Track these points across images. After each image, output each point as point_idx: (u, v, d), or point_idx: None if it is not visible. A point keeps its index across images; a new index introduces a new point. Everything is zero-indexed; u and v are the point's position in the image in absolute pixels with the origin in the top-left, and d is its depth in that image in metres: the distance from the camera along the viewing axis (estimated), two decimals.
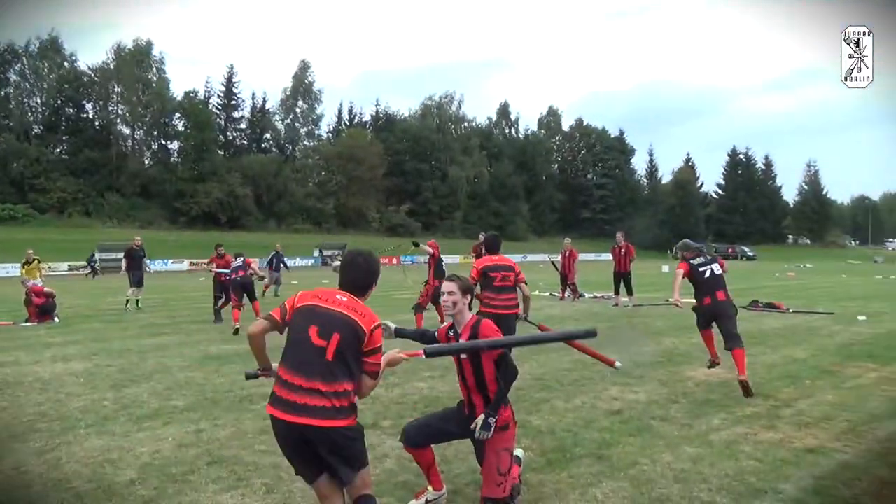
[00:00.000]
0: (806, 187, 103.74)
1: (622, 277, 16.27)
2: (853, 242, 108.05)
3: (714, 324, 7.23)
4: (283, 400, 3.03)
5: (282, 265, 21.00)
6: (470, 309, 4.01)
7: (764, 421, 5.70)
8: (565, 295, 18.08)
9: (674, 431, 5.41)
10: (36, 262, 16.54)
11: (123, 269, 17.22)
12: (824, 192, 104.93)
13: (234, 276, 12.94)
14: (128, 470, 4.57)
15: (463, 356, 3.80)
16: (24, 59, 66.26)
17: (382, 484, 4.26)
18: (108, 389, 7.05)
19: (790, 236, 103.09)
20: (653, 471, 4.49)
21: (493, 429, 3.59)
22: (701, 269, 7.11)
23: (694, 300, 7.30)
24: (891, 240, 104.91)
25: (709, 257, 7.34)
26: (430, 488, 4.09)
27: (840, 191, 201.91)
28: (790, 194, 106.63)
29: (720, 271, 7.21)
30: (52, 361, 8.83)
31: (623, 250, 16.39)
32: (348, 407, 3.08)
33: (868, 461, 4.67)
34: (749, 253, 77.95)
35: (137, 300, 16.58)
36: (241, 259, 13.29)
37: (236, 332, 11.18)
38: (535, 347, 9.67)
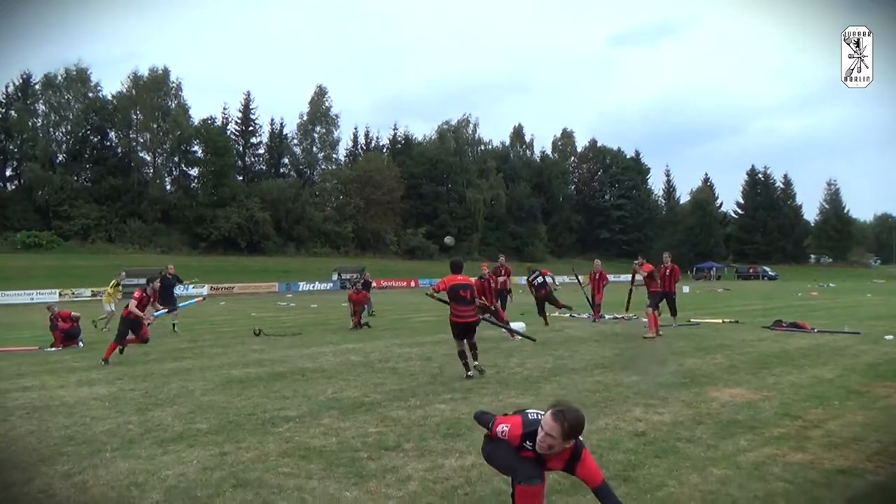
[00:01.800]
0: (826, 206, 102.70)
1: (666, 297, 16.28)
2: (877, 261, 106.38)
3: None
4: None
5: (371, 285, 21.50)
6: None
7: (792, 442, 5.60)
8: (598, 317, 18.04)
9: (700, 453, 5.34)
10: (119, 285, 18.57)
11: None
12: (845, 211, 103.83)
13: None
14: (153, 493, 4.59)
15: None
16: (51, 90, 67.82)
17: None
18: (133, 413, 7.10)
19: (812, 255, 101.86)
20: (680, 493, 4.43)
21: None
22: None
23: None
24: None
25: None
26: None
27: (862, 209, 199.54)
28: (811, 213, 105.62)
29: None
30: (77, 385, 8.92)
31: (669, 270, 16.42)
32: None
33: None
34: (770, 273, 77.13)
35: (174, 324, 16.94)
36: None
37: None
38: (558, 369, 9.62)
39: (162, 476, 4.93)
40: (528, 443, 3.44)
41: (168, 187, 74.73)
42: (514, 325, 14.79)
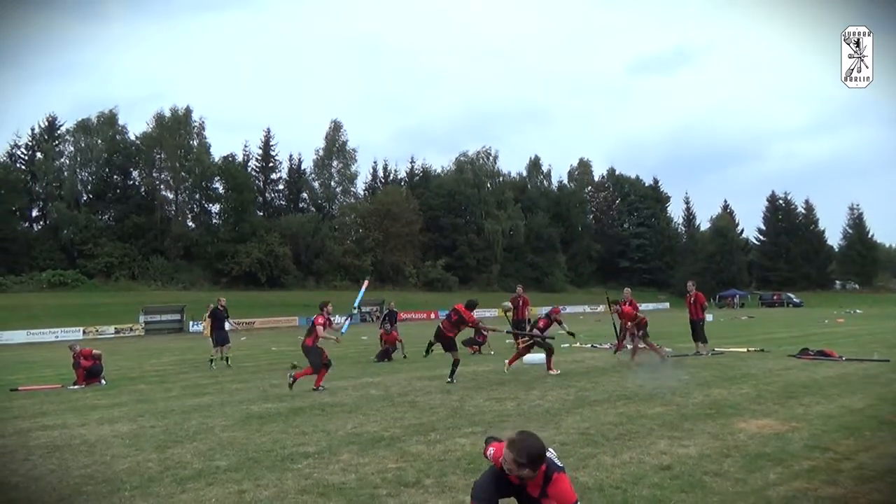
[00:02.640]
0: (850, 230, 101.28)
1: (693, 325, 16.26)
2: None
3: None
4: None
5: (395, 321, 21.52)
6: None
7: (824, 475, 5.44)
8: (623, 344, 17.81)
9: (728, 487, 5.19)
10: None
11: (207, 330, 17.65)
12: (870, 235, 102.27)
13: None
14: None
15: None
16: (81, 132, 69.49)
17: None
18: (153, 450, 7.08)
19: (837, 281, 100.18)
20: None
21: None
22: None
23: None
24: None
25: None
26: None
27: (888, 233, 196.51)
28: (834, 238, 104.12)
29: None
30: (98, 423, 8.93)
31: (693, 298, 16.41)
32: None
33: None
34: (795, 300, 75.97)
35: (227, 357, 16.99)
36: None
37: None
38: (580, 401, 9.48)
39: None
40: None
41: (190, 224, 75.80)
42: (534, 357, 14.69)
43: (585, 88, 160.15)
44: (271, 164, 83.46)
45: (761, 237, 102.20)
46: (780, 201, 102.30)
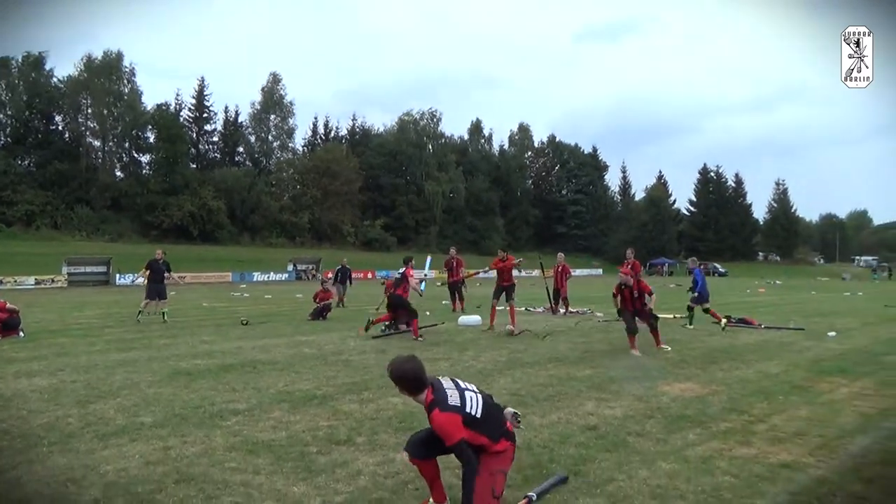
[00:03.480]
0: (775, 205, 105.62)
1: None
2: (821, 259, 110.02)
3: None
4: None
5: (348, 280, 22.47)
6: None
7: (739, 436, 5.71)
8: (558, 309, 18.17)
9: (650, 447, 5.39)
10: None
11: (144, 280, 16.96)
12: (793, 210, 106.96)
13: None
14: (92, 489, 4.41)
15: None
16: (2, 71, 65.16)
17: (356, 502, 4.17)
18: (73, 406, 6.84)
19: (760, 253, 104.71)
20: (629, 487, 4.46)
21: None
22: None
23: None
24: (858, 257, 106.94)
25: None
26: (431, 500, 4.03)
27: (807, 209, 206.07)
28: (760, 212, 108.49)
29: None
30: (15, 377, 8.55)
31: (630, 265, 16.75)
32: None
33: (842, 477, 4.69)
34: (720, 269, 79.00)
35: (163, 313, 16.35)
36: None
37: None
38: (513, 363, 9.63)
39: (101, 471, 4.75)
40: None
41: (118, 174, 72.65)
42: (468, 318, 14.86)
43: (532, 55, 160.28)
44: (205, 115, 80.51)
45: (692, 208, 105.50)
46: (712, 174, 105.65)
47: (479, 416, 3.85)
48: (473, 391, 4.02)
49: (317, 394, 7.41)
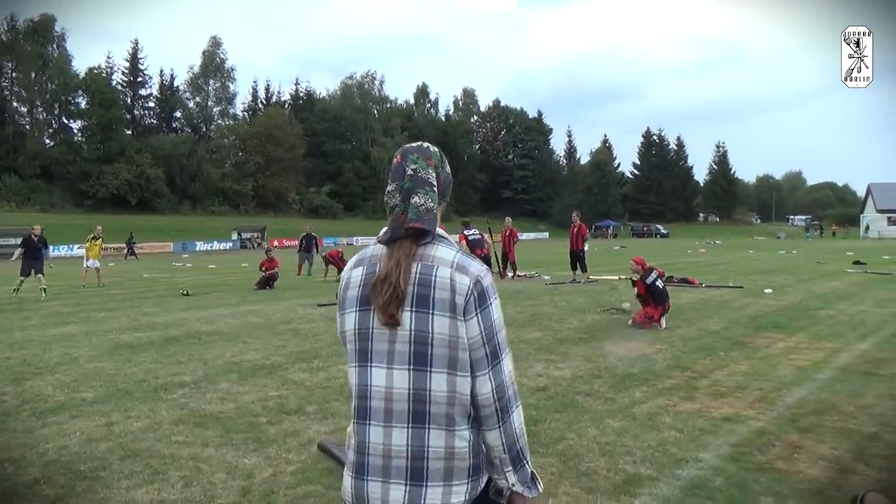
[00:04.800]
0: (715, 167, 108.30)
1: (576, 255, 16.86)
2: (758, 220, 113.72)
3: None
4: None
5: (314, 248, 22.09)
6: None
7: (682, 392, 5.87)
8: (506, 273, 18.24)
9: (598, 406, 5.50)
10: (100, 240, 19.03)
11: (15, 256, 16.23)
12: (732, 172, 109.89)
13: None
14: (31, 468, 4.25)
15: None
16: None
17: (308, 471, 4.12)
18: (9, 383, 6.57)
19: (701, 214, 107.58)
20: (579, 445, 4.55)
21: None
22: None
23: None
24: (792, 216, 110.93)
25: None
26: None
27: (745, 171, 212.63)
28: (701, 174, 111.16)
29: None
30: None
31: (577, 228, 16.97)
32: None
33: (780, 427, 4.88)
34: (663, 231, 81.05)
35: (43, 289, 15.61)
36: None
37: None
38: None
39: (40, 450, 4.58)
40: None
41: (48, 141, 69.33)
42: None
43: (477, 19, 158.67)
44: (140, 80, 77.54)
45: (636, 171, 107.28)
46: (655, 137, 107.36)
47: None
48: None
49: (265, 364, 7.30)
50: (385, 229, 1.71)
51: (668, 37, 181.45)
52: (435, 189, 1.73)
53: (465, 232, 16.51)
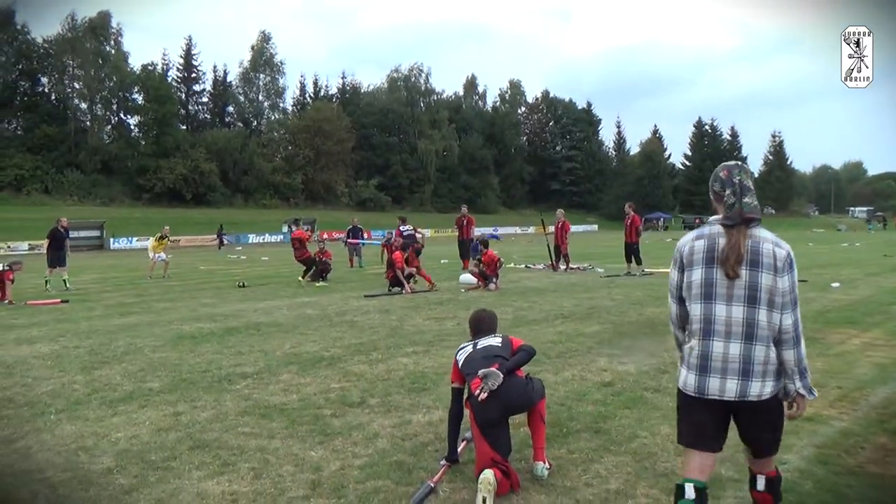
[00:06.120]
0: (771, 157, 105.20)
1: (630, 248, 16.64)
2: (816, 212, 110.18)
3: None
4: None
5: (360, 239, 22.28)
6: None
7: None
8: (559, 266, 18.00)
9: (668, 402, 5.29)
10: (166, 239, 19.43)
11: (45, 248, 16.48)
12: (789, 162, 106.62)
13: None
14: (104, 457, 4.30)
15: None
16: None
17: (376, 465, 4.07)
18: (78, 372, 6.73)
19: None
20: (653, 444, 4.39)
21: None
22: None
23: None
24: (852, 208, 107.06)
25: None
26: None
27: (802, 160, 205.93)
28: (755, 165, 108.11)
29: None
30: (16, 344, 8.43)
31: (630, 221, 16.76)
32: None
33: (866, 428, 4.62)
34: None
35: (65, 279, 15.85)
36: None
37: None
38: (519, 321, 9.55)
39: (113, 439, 4.65)
40: None
41: (107, 137, 71.40)
42: (468, 277, 14.73)
43: (527, 8, 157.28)
44: (194, 75, 79.04)
45: (687, 162, 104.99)
46: (707, 128, 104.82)
47: (460, 362, 4.10)
48: (482, 344, 4.20)
49: (324, 355, 7.30)
50: (719, 217, 2.72)
51: (717, 23, 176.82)
52: (754, 192, 2.72)
53: (401, 228, 16.87)
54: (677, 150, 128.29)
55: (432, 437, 4.55)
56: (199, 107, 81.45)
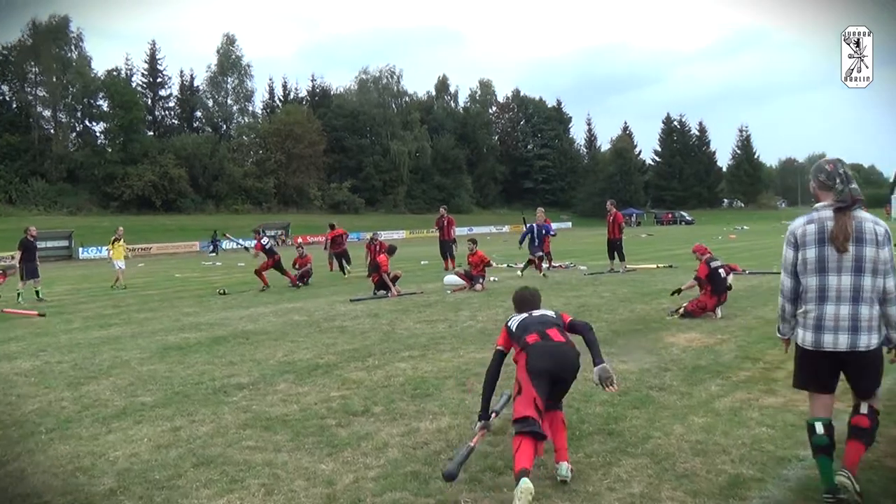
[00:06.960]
0: (739, 152, 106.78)
1: (613, 244, 16.61)
2: (783, 203, 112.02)
3: None
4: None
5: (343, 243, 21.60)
6: None
7: (761, 385, 5.63)
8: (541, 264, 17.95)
9: (676, 401, 5.28)
10: (121, 241, 18.94)
11: (17, 260, 16.04)
12: (756, 156, 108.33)
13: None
14: (104, 478, 4.12)
15: None
16: None
17: (391, 477, 3.95)
18: (65, 388, 6.48)
19: (724, 200, 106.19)
20: (669, 444, 4.33)
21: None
22: None
23: None
24: None
25: None
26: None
27: (768, 154, 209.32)
28: (724, 160, 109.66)
29: None
30: None
31: (612, 218, 16.73)
32: None
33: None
34: (687, 217, 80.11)
35: (37, 290, 15.58)
36: None
37: None
38: None
39: (111, 458, 4.47)
40: None
41: (72, 144, 69.84)
42: (452, 278, 14.64)
43: (495, 9, 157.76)
44: (160, 80, 77.95)
45: (657, 158, 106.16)
46: (676, 123, 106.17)
47: (513, 327, 4.29)
48: (536, 313, 4.40)
49: (319, 363, 7.16)
50: (825, 203, 3.39)
51: (684, 19, 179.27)
52: (854, 180, 3.36)
53: (262, 241, 16.27)
54: (647, 147, 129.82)
55: (444, 446, 4.44)
56: (167, 112, 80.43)
